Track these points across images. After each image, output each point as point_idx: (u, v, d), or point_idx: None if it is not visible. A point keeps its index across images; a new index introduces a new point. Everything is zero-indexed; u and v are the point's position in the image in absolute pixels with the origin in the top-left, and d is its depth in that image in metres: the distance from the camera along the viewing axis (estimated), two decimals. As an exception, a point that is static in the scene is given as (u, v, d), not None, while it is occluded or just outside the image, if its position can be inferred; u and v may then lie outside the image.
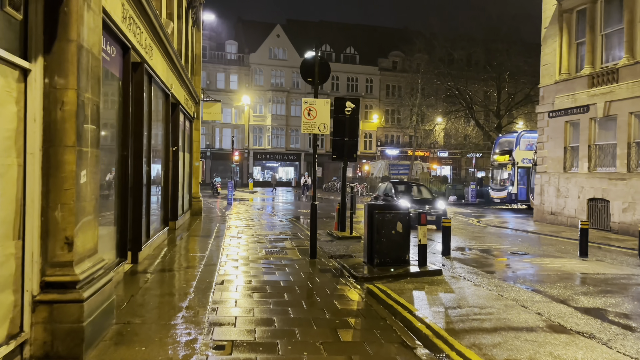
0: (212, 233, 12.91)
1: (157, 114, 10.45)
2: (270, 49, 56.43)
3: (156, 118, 10.34)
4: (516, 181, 27.59)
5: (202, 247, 10.43)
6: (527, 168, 27.55)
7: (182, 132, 14.83)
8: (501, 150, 29.74)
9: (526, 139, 28.87)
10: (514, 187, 27.66)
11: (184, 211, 15.38)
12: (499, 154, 29.82)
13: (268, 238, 12.30)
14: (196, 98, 17.12)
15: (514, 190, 27.64)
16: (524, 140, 28.60)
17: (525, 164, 27.62)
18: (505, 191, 28.43)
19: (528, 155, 27.72)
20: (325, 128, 9.60)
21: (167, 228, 11.46)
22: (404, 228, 8.66)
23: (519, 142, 28.34)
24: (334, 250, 11.14)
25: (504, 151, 29.18)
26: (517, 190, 27.65)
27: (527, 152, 28.02)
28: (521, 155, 28.03)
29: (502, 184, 28.90)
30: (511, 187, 27.86)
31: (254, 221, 16.60)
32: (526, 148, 28.26)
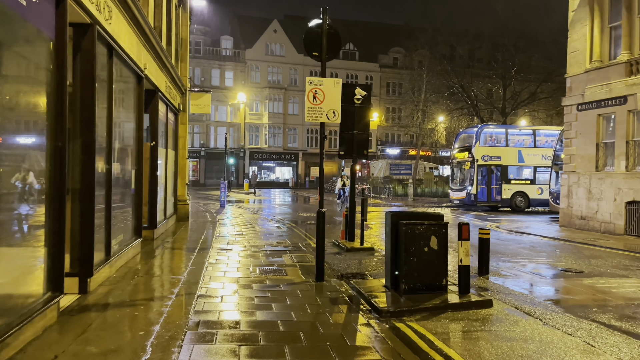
0: (198, 244, 10.87)
1: (123, 99, 8.41)
2: (267, 45, 54.42)
3: (122, 104, 8.30)
4: (476, 180, 25.01)
5: (181, 265, 8.39)
6: (489, 166, 25.34)
7: (163, 125, 12.79)
8: (461, 146, 27.20)
9: (488, 133, 26.44)
10: (473, 187, 25.03)
11: (167, 217, 13.33)
12: (458, 150, 27.28)
13: (264, 250, 10.28)
14: (182, 88, 15.08)
15: (474, 190, 25.05)
16: (485, 135, 26.13)
17: (486, 162, 25.29)
18: (464, 191, 25.91)
19: (490, 152, 25.45)
20: (336, 116, 7.58)
21: (141, 240, 9.42)
22: (440, 244, 6.65)
23: (479, 137, 25.68)
24: (344, 266, 9.13)
25: (464, 147, 26.65)
26: (477, 191, 25.09)
27: (489, 148, 25.66)
28: (482, 151, 25.41)
29: (462, 184, 26.40)
30: (470, 187, 25.27)
31: (247, 228, 14.57)
32: (488, 144, 25.90)
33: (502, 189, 25.29)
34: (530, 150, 25.85)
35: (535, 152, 25.78)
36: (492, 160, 25.28)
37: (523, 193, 25.49)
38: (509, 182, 25.47)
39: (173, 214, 14.80)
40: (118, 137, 8.08)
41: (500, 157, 25.44)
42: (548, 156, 25.28)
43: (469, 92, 44.54)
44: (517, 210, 25.11)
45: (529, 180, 25.80)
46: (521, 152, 25.73)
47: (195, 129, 52.77)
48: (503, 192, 25.27)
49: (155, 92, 10.97)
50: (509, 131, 26.86)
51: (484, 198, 25.50)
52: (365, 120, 11.32)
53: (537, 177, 25.70)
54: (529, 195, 25.55)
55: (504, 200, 25.38)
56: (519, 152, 25.75)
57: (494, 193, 25.46)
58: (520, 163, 25.71)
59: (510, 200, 25.34)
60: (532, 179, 25.71)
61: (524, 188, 25.56)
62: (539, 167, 25.69)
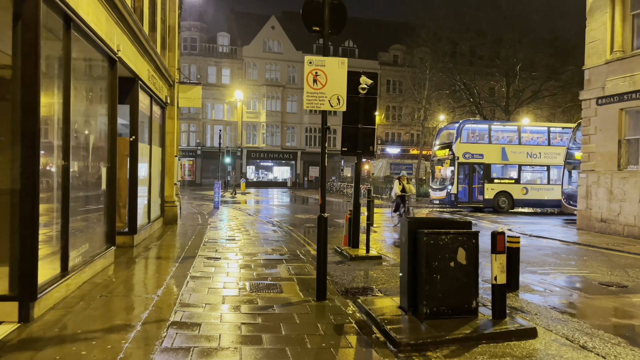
0: (183, 251, 9.63)
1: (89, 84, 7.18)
2: (265, 42, 53.14)
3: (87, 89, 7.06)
4: (456, 179, 23.49)
5: (157, 280, 7.15)
6: (470, 164, 23.83)
7: (147, 118, 11.56)
8: (442, 143, 25.66)
9: (470, 129, 24.98)
10: (453, 187, 23.54)
11: (152, 220, 12.09)
12: (439, 147, 25.77)
13: (257, 259, 9.04)
14: (170, 79, 13.83)
15: (454, 190, 23.54)
16: (466, 131, 24.65)
17: (468, 159, 23.75)
18: (444, 191, 24.40)
19: (471, 149, 23.92)
20: (340, 103, 6.35)
21: (114, 248, 8.17)
22: (470, 258, 5.43)
23: (460, 133, 24.08)
24: (348, 279, 7.91)
25: (445, 144, 25.09)
26: (458, 190, 23.59)
27: (471, 145, 24.15)
28: (463, 148, 23.86)
29: (442, 183, 24.91)
30: (451, 187, 23.81)
31: (241, 231, 13.33)
32: (470, 140, 24.43)
33: (484, 188, 23.78)
34: (515, 147, 24.33)
35: (520, 149, 24.31)
36: (473, 158, 23.73)
37: (507, 193, 23.94)
38: (491, 181, 23.90)
39: (159, 216, 13.56)
40: (81, 128, 6.84)
41: (483, 155, 23.89)
42: (534, 154, 24.02)
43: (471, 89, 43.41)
44: (500, 212, 23.55)
45: (513, 179, 24.33)
46: (505, 149, 24.17)
47: (192, 128, 51.53)
48: (485, 192, 23.74)
49: (134, 80, 9.72)
50: (492, 127, 25.16)
51: (465, 198, 23.95)
52: (371, 112, 10.09)
53: (522, 176, 24.34)
54: (513, 196, 24.03)
55: (486, 201, 23.83)
56: (503, 149, 24.17)
57: (475, 193, 23.94)
58: (504, 161, 24.17)
59: (493, 201, 23.76)
60: (516, 178, 24.19)
61: (507, 188, 24.03)
62: (524, 165, 24.30)
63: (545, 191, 24.29)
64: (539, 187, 24.43)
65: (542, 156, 24.25)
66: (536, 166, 24.48)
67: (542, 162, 24.36)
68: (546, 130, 25.37)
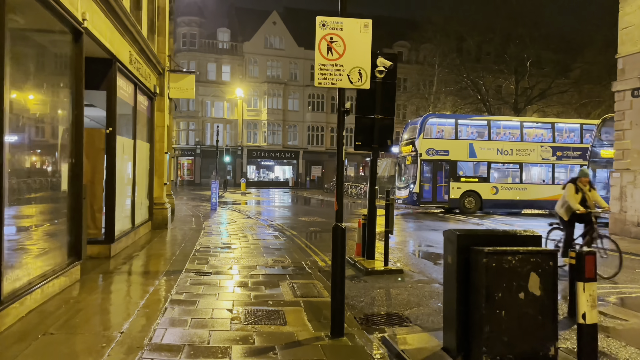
0: (168, 264, 8.15)
1: (36, 57, 5.70)
2: (266, 38, 51.66)
3: (34, 63, 5.59)
4: (419, 178, 21.76)
5: (127, 307, 5.66)
6: (434, 161, 21.98)
7: (130, 109, 10.09)
8: (408, 138, 23.65)
9: (434, 124, 23.01)
10: (416, 186, 21.89)
11: (136, 225, 10.61)
12: (405, 143, 23.80)
13: (255, 275, 7.55)
14: (159, 67, 12.35)
15: (416, 189, 21.85)
16: (430, 125, 22.71)
17: (431, 156, 21.89)
18: (407, 190, 22.73)
19: (436, 145, 22.06)
20: (363, 79, 4.86)
21: (79, 263, 6.68)
22: (546, 286, 3.94)
23: (424, 128, 22.18)
24: (367, 301, 6.43)
25: (410, 140, 23.11)
26: (420, 189, 21.84)
27: (435, 140, 22.32)
28: (426, 144, 21.98)
29: (407, 181, 23.14)
30: (413, 185, 22.18)
31: (238, 237, 11.85)
32: (435, 136, 22.61)
33: (450, 187, 22.00)
34: (484, 143, 22.33)
35: (490, 145, 22.30)
36: (438, 155, 21.87)
37: (474, 192, 22.04)
38: (458, 179, 22.03)
39: (147, 220, 12.08)
40: (27, 114, 5.37)
41: (449, 151, 22.02)
42: (505, 150, 22.22)
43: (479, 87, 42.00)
44: (467, 212, 21.78)
45: (481, 178, 22.40)
46: (473, 145, 22.25)
47: (191, 126, 50.11)
48: (451, 191, 21.95)
49: (111, 62, 8.25)
50: (459, 122, 23.12)
51: (428, 197, 22.10)
52: (389, 100, 8.63)
53: (492, 174, 22.51)
54: (481, 195, 22.13)
55: (452, 200, 21.99)
56: (471, 145, 22.25)
57: (440, 192, 22.14)
58: (472, 158, 22.24)
59: (459, 200, 21.92)
60: (485, 176, 22.30)
61: (475, 187, 22.11)
62: (494, 163, 22.39)
63: (518, 191, 22.45)
64: (510, 187, 22.51)
65: (515, 153, 22.41)
66: (508, 164, 22.61)
67: (515, 160, 22.46)
68: (519, 125, 23.57)
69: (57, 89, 6.35)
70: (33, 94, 5.78)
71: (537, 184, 22.93)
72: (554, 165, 22.85)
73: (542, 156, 22.70)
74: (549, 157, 22.74)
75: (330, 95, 52.88)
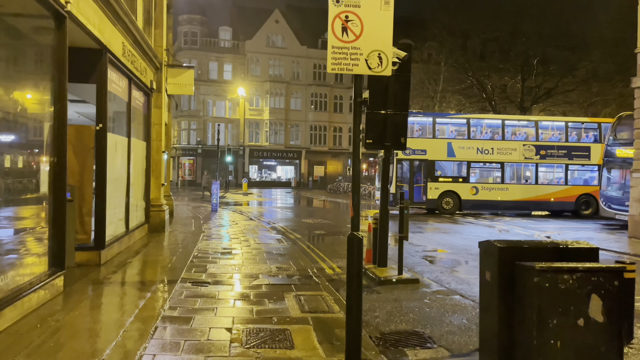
0: (163, 273, 7.50)
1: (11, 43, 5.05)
2: (268, 36, 51.03)
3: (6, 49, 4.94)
4: (395, 178, 21.16)
5: (111, 326, 4.99)
6: (411, 161, 21.44)
7: (124, 105, 9.45)
8: None
9: (411, 123, 21.87)
10: (392, 186, 21.10)
11: (131, 229, 9.95)
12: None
13: (258, 285, 6.88)
14: (155, 61, 11.69)
15: (392, 189, 21.10)
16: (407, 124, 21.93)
17: (408, 156, 21.18)
18: None
19: (413, 145, 20.88)
20: (383, 64, 4.19)
21: (62, 274, 6.02)
22: (611, 311, 3.27)
23: None
24: (382, 316, 5.76)
25: None
26: (397, 190, 21.15)
27: (412, 140, 20.82)
28: None
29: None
30: (390, 186, 21.26)
31: (240, 241, 11.18)
32: (412, 135, 21.48)
33: (427, 187, 21.39)
34: (463, 142, 21.60)
35: (469, 144, 21.53)
36: (415, 154, 21.21)
37: (453, 193, 21.37)
38: (436, 179, 21.40)
39: (143, 223, 11.43)
40: None
41: (426, 151, 21.28)
42: (486, 150, 21.46)
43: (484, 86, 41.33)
44: (445, 213, 21.15)
45: (460, 177, 21.67)
46: (452, 144, 21.50)
47: (192, 125, 49.51)
48: (429, 192, 21.33)
49: (101, 52, 7.59)
50: (437, 120, 22.30)
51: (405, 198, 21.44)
52: (403, 94, 7.96)
53: (472, 174, 21.74)
54: (460, 196, 21.39)
55: (429, 201, 21.35)
56: (449, 144, 21.50)
57: (418, 193, 21.60)
58: (451, 157, 21.51)
59: (437, 201, 21.31)
60: (465, 176, 21.56)
61: (454, 187, 21.41)
62: (474, 162, 21.59)
63: (499, 191, 21.63)
64: (491, 187, 21.73)
65: (496, 152, 21.58)
66: (488, 163, 21.81)
67: (496, 159, 21.62)
68: (500, 123, 22.72)
69: (37, 80, 5.71)
70: (8, 86, 5.13)
71: (519, 184, 22.17)
72: (538, 164, 21.97)
73: (525, 155, 21.76)
74: (532, 156, 21.77)
75: (333, 95, 52.21)
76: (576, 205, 21.46)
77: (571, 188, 21.55)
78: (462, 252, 10.87)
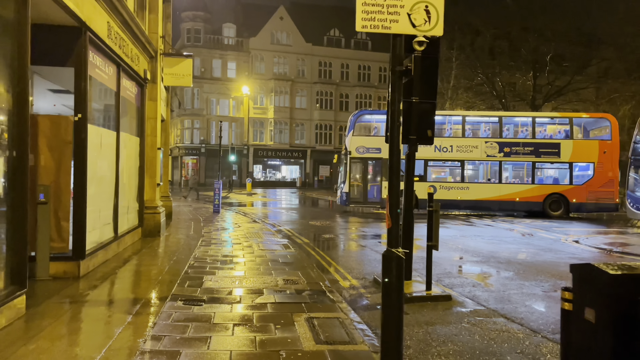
0: (151, 289, 6.43)
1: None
2: (273, 33, 50.00)
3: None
4: (348, 177, 20.64)
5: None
6: (364, 159, 20.72)
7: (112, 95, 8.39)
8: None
9: (366, 121, 21.77)
10: (345, 185, 20.79)
11: (120, 234, 8.88)
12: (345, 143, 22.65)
13: (261, 304, 5.78)
14: (150, 49, 10.63)
15: (346, 188, 20.78)
16: (362, 123, 21.44)
17: (362, 154, 20.56)
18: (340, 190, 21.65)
19: (366, 143, 20.68)
20: (432, 19, 3.09)
21: (23, 293, 4.95)
22: None
23: (354, 125, 21.00)
24: (416, 348, 4.66)
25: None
26: (350, 189, 20.66)
27: (366, 138, 21.02)
28: (357, 142, 20.68)
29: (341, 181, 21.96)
30: (343, 185, 21.07)
31: (242, 247, 10.09)
32: (366, 133, 21.36)
33: (381, 187, 20.63)
34: None
35: None
36: (369, 153, 20.59)
37: None
38: None
39: (136, 226, 10.37)
40: None
41: (380, 149, 20.38)
42: (444, 147, 20.47)
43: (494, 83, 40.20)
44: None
45: (417, 176, 20.68)
46: None
47: (195, 124, 48.55)
48: (383, 191, 20.55)
49: (80, 31, 6.53)
50: None
51: (358, 197, 20.85)
52: (431, 79, 6.81)
53: (429, 172, 20.77)
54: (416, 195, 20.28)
55: (384, 201, 20.26)
56: None
57: (372, 191, 20.91)
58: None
59: None
60: (421, 175, 20.56)
61: None
62: (431, 160, 20.57)
63: (459, 190, 20.61)
64: (450, 186, 20.75)
65: (455, 150, 20.54)
66: (447, 161, 20.85)
67: (455, 157, 20.59)
68: (460, 119, 21.64)
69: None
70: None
71: (481, 183, 21.04)
72: (502, 162, 20.69)
73: (487, 153, 20.56)
74: (495, 153, 20.52)
75: (339, 93, 51.12)
76: (544, 205, 20.13)
77: (538, 187, 20.25)
78: (489, 259, 9.74)
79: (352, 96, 51.71)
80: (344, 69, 52.43)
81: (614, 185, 19.75)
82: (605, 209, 20.10)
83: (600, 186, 19.69)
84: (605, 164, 19.71)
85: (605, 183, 19.66)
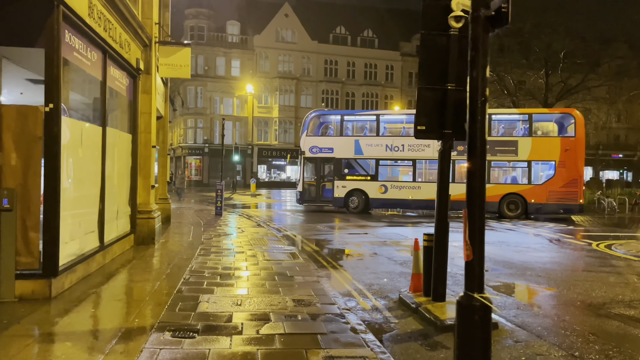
0: (133, 314, 5.35)
1: None
2: (278, 31, 48.97)
3: None
4: (302, 176, 20.86)
5: None
6: (317, 159, 20.65)
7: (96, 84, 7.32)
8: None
9: (319, 121, 21.65)
10: (299, 184, 21.01)
11: (105, 244, 7.81)
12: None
13: (266, 338, 4.69)
14: (143, 36, 9.55)
15: (299, 187, 20.99)
16: (315, 122, 21.32)
17: (315, 154, 20.47)
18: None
19: (319, 143, 20.60)
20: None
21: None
22: None
23: (308, 125, 21.04)
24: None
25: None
26: (304, 188, 20.81)
27: (319, 138, 21.01)
28: (310, 142, 20.67)
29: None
30: (298, 185, 21.28)
31: (245, 257, 9.00)
32: (320, 133, 21.33)
33: (334, 186, 20.52)
34: (372, 139, 20.45)
35: (377, 141, 20.29)
36: (322, 152, 20.58)
37: (360, 191, 20.31)
38: (343, 177, 20.49)
39: (128, 233, 9.31)
40: None
41: (333, 149, 20.52)
42: (395, 147, 19.96)
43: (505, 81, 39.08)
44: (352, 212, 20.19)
45: (368, 176, 20.45)
46: (359, 142, 20.45)
47: (199, 124, 47.60)
48: (335, 190, 20.51)
49: (52, 6, 5.47)
50: (345, 117, 21.65)
51: (311, 196, 20.83)
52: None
53: (380, 172, 20.30)
54: (368, 194, 20.22)
55: (336, 200, 20.53)
56: (357, 142, 20.48)
57: (323, 191, 20.82)
58: (358, 155, 20.51)
59: (344, 200, 20.42)
60: (373, 174, 20.35)
61: (362, 185, 20.36)
62: (382, 159, 20.19)
63: (410, 190, 19.90)
64: (402, 185, 20.17)
65: (407, 149, 19.84)
66: (398, 160, 20.42)
67: (406, 156, 20.05)
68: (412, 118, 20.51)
69: None
70: None
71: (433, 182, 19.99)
72: (455, 161, 19.69)
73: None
74: None
75: (344, 91, 50.04)
76: (500, 205, 19.07)
77: (494, 187, 19.03)
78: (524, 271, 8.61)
79: (359, 95, 50.63)
80: (350, 67, 51.34)
81: (577, 185, 18.50)
82: (568, 210, 18.96)
83: (562, 186, 18.54)
84: (568, 162, 18.50)
85: (567, 183, 18.48)
